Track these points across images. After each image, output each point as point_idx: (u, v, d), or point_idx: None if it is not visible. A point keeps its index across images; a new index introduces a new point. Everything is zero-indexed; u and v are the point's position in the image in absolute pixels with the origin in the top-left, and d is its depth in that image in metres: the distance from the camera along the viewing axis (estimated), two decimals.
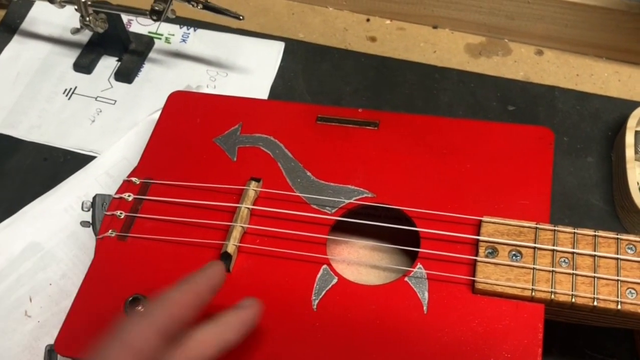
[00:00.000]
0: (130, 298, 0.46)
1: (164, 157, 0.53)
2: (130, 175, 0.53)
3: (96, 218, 0.56)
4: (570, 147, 0.63)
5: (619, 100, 0.66)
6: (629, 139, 0.59)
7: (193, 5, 0.61)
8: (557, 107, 0.66)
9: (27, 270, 0.58)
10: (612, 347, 0.50)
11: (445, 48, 0.71)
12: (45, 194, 0.61)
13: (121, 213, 0.51)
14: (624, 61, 0.69)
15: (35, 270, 0.57)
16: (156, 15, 0.61)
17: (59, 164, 0.64)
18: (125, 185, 0.52)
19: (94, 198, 0.56)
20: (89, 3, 0.63)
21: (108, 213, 0.51)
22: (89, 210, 0.60)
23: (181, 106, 0.56)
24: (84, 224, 0.60)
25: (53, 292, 0.56)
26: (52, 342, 0.53)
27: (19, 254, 0.58)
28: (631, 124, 0.60)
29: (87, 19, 0.63)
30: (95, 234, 0.55)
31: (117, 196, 0.52)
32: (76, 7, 0.63)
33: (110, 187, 0.61)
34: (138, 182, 0.52)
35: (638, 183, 0.57)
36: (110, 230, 0.50)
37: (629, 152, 0.58)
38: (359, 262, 0.53)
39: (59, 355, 0.52)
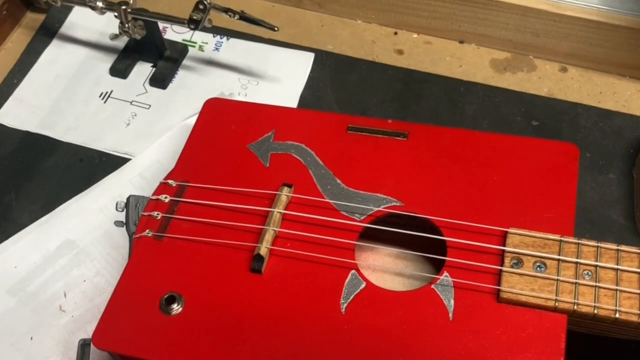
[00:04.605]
0: (166, 296, 0.48)
1: (200, 161, 0.55)
2: (167, 178, 0.55)
3: (130, 218, 0.58)
4: (593, 163, 0.64)
5: None
6: None
7: (230, 16, 0.63)
8: (580, 124, 0.67)
9: (62, 266, 0.60)
10: (633, 359, 0.51)
11: (471, 63, 0.73)
12: (81, 194, 0.64)
13: (158, 214, 0.53)
14: None
15: (70, 266, 0.60)
16: (194, 24, 0.63)
17: (94, 165, 0.66)
18: (162, 187, 0.54)
19: (128, 199, 0.58)
20: (129, 10, 0.65)
21: (145, 213, 0.53)
22: (122, 211, 0.62)
23: (217, 112, 0.58)
24: (117, 223, 0.62)
25: (87, 288, 0.58)
26: (85, 336, 0.55)
27: (54, 250, 0.60)
28: None
29: (127, 25, 0.66)
30: (129, 234, 0.57)
31: (154, 197, 0.54)
32: (116, 13, 0.66)
33: (143, 189, 0.63)
34: (174, 185, 0.54)
35: None
36: (147, 230, 0.52)
37: None
38: (384, 269, 0.54)
39: (92, 350, 0.54)
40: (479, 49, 0.74)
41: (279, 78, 0.71)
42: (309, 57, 0.73)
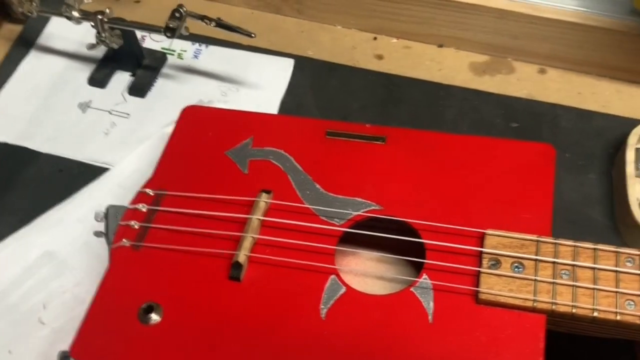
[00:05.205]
0: (144, 306, 0.48)
1: (178, 169, 0.55)
2: (144, 187, 0.54)
3: (109, 228, 0.57)
4: (572, 163, 0.65)
5: (620, 119, 0.67)
6: (630, 156, 0.60)
7: (206, 23, 0.63)
8: (560, 125, 0.67)
9: (41, 278, 0.59)
10: (612, 357, 0.51)
11: (450, 66, 0.73)
12: (60, 205, 0.63)
13: (135, 223, 0.52)
14: (625, 80, 0.70)
15: (50, 278, 0.59)
16: (170, 32, 0.63)
17: (74, 176, 0.65)
18: (140, 196, 0.54)
19: (107, 209, 0.58)
20: (105, 20, 0.65)
21: (122, 223, 0.53)
22: (102, 221, 0.62)
23: (194, 120, 0.58)
24: (97, 234, 0.61)
25: (67, 299, 0.58)
26: (65, 348, 0.54)
27: (33, 262, 0.60)
28: (632, 141, 0.61)
29: (103, 35, 0.66)
30: (109, 244, 0.57)
31: (131, 207, 0.54)
32: (93, 23, 0.65)
33: (123, 199, 0.62)
34: (152, 194, 0.54)
35: (638, 199, 0.59)
36: (124, 240, 0.52)
37: (629, 168, 0.60)
38: (365, 273, 0.54)
39: None
40: (457, 52, 0.74)
41: (259, 84, 0.71)
42: (289, 63, 0.73)
